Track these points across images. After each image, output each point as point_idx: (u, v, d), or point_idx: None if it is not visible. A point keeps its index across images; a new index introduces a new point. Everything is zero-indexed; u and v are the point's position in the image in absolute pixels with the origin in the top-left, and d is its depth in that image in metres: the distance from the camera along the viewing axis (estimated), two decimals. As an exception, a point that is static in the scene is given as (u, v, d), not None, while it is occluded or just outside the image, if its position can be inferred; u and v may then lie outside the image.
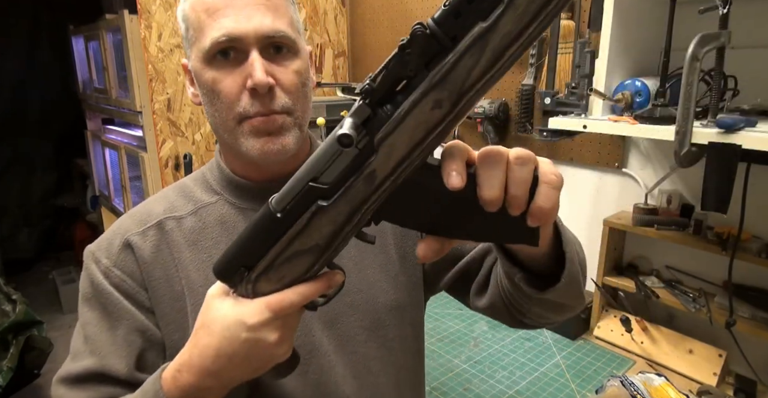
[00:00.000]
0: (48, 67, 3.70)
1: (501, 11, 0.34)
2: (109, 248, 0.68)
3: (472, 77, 0.37)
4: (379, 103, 0.40)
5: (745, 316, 1.19)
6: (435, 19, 0.36)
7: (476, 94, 0.38)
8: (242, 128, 0.62)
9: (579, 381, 1.25)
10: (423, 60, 0.37)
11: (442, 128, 0.39)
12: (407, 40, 0.37)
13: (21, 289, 2.57)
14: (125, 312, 0.65)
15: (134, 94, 1.92)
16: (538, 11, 0.34)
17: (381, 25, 2.16)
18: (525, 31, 0.35)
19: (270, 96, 0.61)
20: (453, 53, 0.36)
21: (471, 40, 0.36)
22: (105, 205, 2.77)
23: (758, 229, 1.21)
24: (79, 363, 0.64)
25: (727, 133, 0.97)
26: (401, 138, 0.40)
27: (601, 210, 1.54)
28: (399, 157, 0.40)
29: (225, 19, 0.59)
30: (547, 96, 1.39)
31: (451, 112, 0.38)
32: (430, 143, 0.40)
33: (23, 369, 2.24)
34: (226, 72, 0.61)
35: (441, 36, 0.36)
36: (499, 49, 0.36)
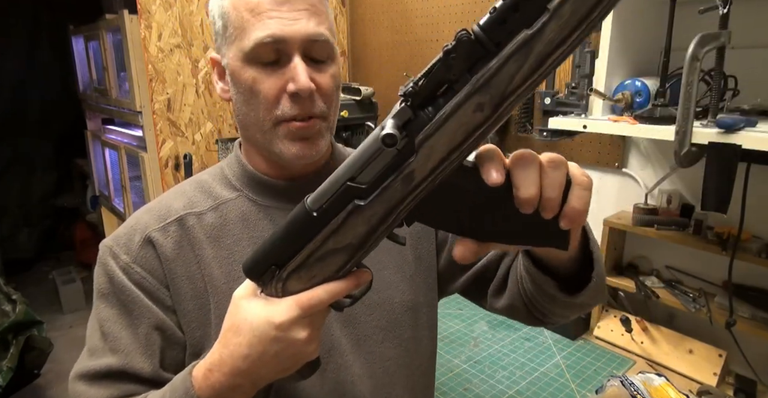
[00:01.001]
0: (48, 67, 3.70)
1: (546, 19, 0.36)
2: (129, 243, 0.66)
3: (514, 82, 0.38)
4: (420, 106, 0.41)
5: (745, 316, 1.19)
6: (481, 26, 0.38)
7: (517, 99, 0.39)
8: (278, 131, 0.63)
9: (579, 381, 1.25)
10: (467, 65, 0.39)
11: (482, 131, 0.40)
12: (452, 46, 0.38)
13: (21, 289, 2.57)
14: (146, 309, 0.64)
15: (134, 95, 1.92)
16: (580, 21, 0.36)
17: (381, 25, 2.16)
18: (568, 39, 0.36)
19: (310, 100, 0.62)
20: (497, 58, 0.37)
21: (516, 46, 0.37)
22: (105, 205, 2.78)
23: (758, 229, 1.21)
24: (100, 361, 0.63)
25: (727, 133, 0.97)
26: (442, 140, 0.40)
27: (601, 210, 1.54)
28: (438, 158, 0.41)
29: (270, 20, 0.59)
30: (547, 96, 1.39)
31: (492, 115, 0.39)
32: (470, 146, 0.41)
33: (23, 369, 2.24)
34: (266, 74, 0.61)
35: (486, 42, 0.38)
36: (543, 56, 0.37)
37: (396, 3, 2.07)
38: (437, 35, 1.94)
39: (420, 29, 2.00)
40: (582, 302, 0.59)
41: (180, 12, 1.80)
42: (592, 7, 0.35)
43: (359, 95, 2.01)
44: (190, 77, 1.86)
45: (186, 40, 1.83)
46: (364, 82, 2.25)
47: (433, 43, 1.96)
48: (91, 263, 3.63)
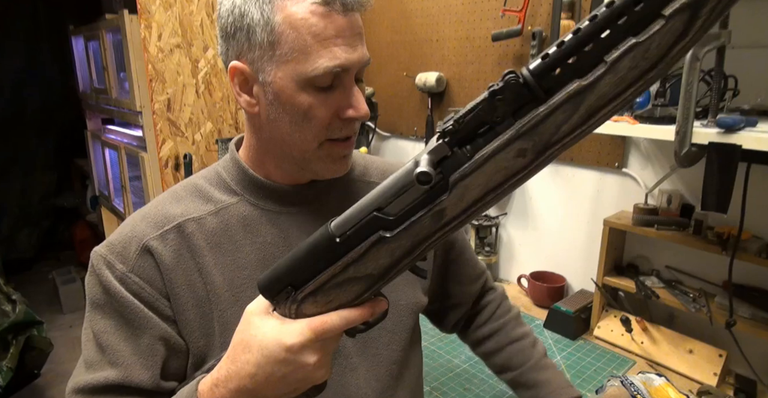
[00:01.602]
0: (48, 67, 3.70)
1: (602, 73, 0.35)
2: (124, 252, 0.64)
3: (561, 132, 0.37)
4: (458, 143, 0.40)
5: (745, 316, 1.19)
6: (531, 71, 0.37)
7: (561, 148, 0.38)
8: (322, 151, 0.63)
9: (579, 381, 1.25)
10: (512, 108, 0.38)
11: (521, 177, 0.40)
12: (499, 87, 0.38)
13: (21, 289, 2.57)
14: (147, 320, 0.62)
15: (134, 94, 1.92)
16: (638, 77, 0.35)
17: (381, 25, 2.16)
18: (622, 95, 0.35)
19: (358, 121, 0.63)
20: (546, 106, 0.37)
21: (566, 96, 0.36)
22: (105, 205, 2.77)
23: (758, 229, 1.21)
24: (98, 374, 0.61)
25: (727, 133, 0.97)
26: (478, 181, 0.40)
27: (601, 210, 1.54)
28: (472, 199, 0.41)
29: (337, 48, 0.58)
30: (547, 96, 1.39)
31: (533, 162, 0.39)
32: (506, 190, 0.40)
33: (23, 369, 2.23)
34: (322, 99, 0.60)
35: (535, 87, 0.37)
36: (594, 109, 0.36)
37: (396, 3, 2.06)
38: (437, 35, 1.94)
39: (420, 29, 2.00)
40: None
41: (180, 12, 1.80)
42: (653, 64, 0.34)
43: (359, 95, 2.01)
44: (190, 77, 1.86)
45: (186, 40, 1.83)
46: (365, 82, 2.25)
47: (433, 43, 1.96)
48: (91, 263, 3.62)
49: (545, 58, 0.37)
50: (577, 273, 1.64)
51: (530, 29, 1.58)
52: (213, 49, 1.90)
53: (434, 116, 1.99)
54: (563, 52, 0.36)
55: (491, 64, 1.77)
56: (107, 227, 2.82)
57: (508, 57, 1.72)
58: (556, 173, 1.67)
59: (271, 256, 0.67)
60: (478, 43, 1.80)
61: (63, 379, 2.53)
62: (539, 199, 1.74)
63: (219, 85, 1.94)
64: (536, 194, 1.75)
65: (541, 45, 1.57)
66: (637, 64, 0.34)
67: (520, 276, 1.73)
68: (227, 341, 0.63)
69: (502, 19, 1.68)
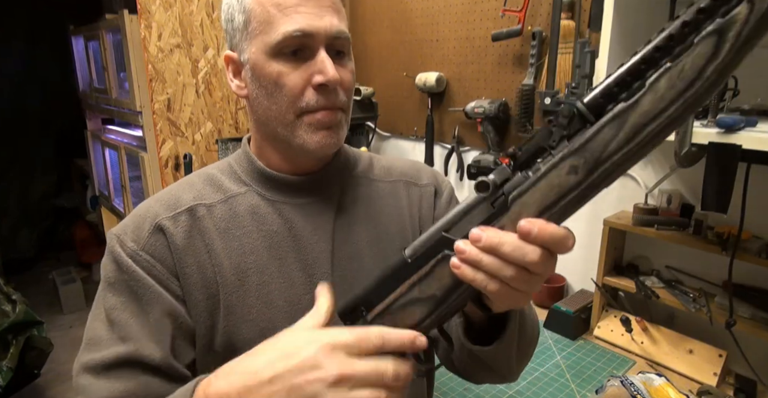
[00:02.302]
0: (48, 67, 3.70)
1: (642, 93, 0.39)
2: (137, 231, 0.65)
3: (609, 149, 0.40)
4: (519, 167, 0.44)
5: (745, 316, 1.19)
6: (584, 102, 0.42)
7: (612, 167, 0.41)
8: (301, 121, 0.64)
9: (579, 381, 1.25)
10: (566, 133, 0.42)
11: (574, 196, 0.42)
12: (555, 116, 0.43)
13: (21, 289, 2.57)
14: (156, 295, 0.63)
15: (134, 95, 1.92)
16: (677, 96, 0.38)
17: (381, 25, 2.16)
18: (664, 112, 0.39)
19: (335, 92, 0.64)
20: (594, 125, 0.41)
21: (612, 115, 0.40)
22: (105, 205, 2.77)
23: (758, 229, 1.21)
24: (107, 351, 0.60)
25: (727, 133, 0.97)
26: (533, 198, 0.43)
27: (601, 210, 1.54)
28: (528, 217, 0.43)
29: (298, 15, 0.61)
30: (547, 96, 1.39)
31: (585, 179, 0.41)
32: (560, 210, 0.43)
33: (23, 369, 2.23)
34: (291, 67, 0.62)
35: (587, 114, 0.41)
36: (638, 126, 0.39)
37: (396, 3, 2.06)
38: (437, 35, 1.94)
39: (420, 29, 2.00)
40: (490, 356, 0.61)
41: (180, 12, 1.80)
42: (690, 83, 0.38)
43: (359, 95, 2.01)
44: (190, 77, 1.86)
45: (186, 40, 1.83)
46: (364, 82, 2.25)
47: (433, 43, 1.96)
48: (91, 263, 3.63)
49: (596, 88, 0.41)
50: (577, 273, 1.64)
51: (530, 29, 1.58)
52: (213, 49, 1.90)
53: (434, 116, 1.99)
54: (611, 84, 0.41)
55: (491, 64, 1.77)
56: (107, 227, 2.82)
57: (508, 57, 1.72)
58: (556, 173, 1.67)
59: (277, 244, 0.68)
60: (478, 43, 1.80)
61: (63, 379, 2.53)
62: (539, 199, 1.74)
63: (219, 85, 1.94)
64: (536, 194, 1.75)
65: (541, 45, 1.57)
66: (674, 84, 0.38)
67: (520, 276, 1.73)
68: (230, 325, 0.65)
69: (502, 19, 1.68)
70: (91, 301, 0.67)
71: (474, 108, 1.75)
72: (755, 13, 0.36)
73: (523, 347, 0.65)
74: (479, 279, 0.44)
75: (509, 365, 0.66)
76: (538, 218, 0.43)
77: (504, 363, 0.65)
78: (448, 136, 1.97)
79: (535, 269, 0.43)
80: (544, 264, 0.43)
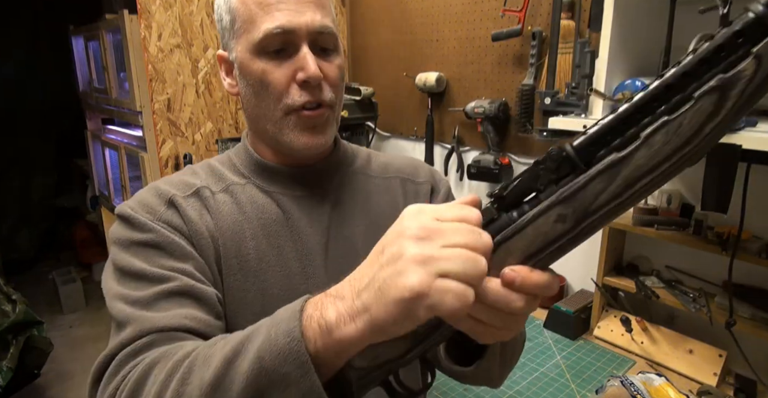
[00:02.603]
0: (48, 67, 3.70)
1: (636, 146, 0.37)
2: (150, 206, 0.64)
3: (599, 200, 0.38)
4: (505, 208, 0.42)
5: (745, 316, 1.19)
6: (574, 146, 0.40)
7: (600, 219, 0.39)
8: (288, 120, 0.65)
9: (579, 381, 1.25)
10: (554, 177, 0.40)
11: (559, 245, 0.40)
12: (543, 157, 0.41)
13: (21, 289, 2.57)
14: (187, 251, 0.62)
15: (134, 95, 1.92)
16: (672, 152, 0.36)
17: (381, 25, 2.16)
18: (658, 168, 0.37)
19: (319, 88, 0.64)
20: (585, 175, 0.39)
21: (603, 166, 0.38)
22: (105, 205, 2.77)
23: (758, 229, 1.21)
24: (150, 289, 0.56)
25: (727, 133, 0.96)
26: (519, 244, 0.40)
27: (601, 210, 1.54)
28: (512, 264, 0.40)
29: (279, 12, 0.62)
30: (547, 96, 1.39)
31: (573, 229, 0.39)
32: (544, 258, 0.40)
33: (23, 369, 2.24)
34: (275, 64, 0.63)
35: (576, 159, 0.40)
36: (631, 180, 0.37)
37: (396, 3, 2.06)
38: (437, 35, 1.94)
39: (420, 29, 2.00)
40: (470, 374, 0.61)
41: (180, 12, 1.80)
42: (686, 140, 0.36)
43: (359, 95, 2.01)
44: (190, 77, 1.86)
45: (186, 40, 1.83)
46: (364, 82, 2.25)
47: (433, 43, 1.96)
48: (91, 263, 3.63)
49: (585, 133, 0.39)
50: (577, 273, 1.64)
51: (530, 29, 1.58)
52: (213, 49, 1.90)
53: (434, 116, 1.99)
54: (603, 130, 0.39)
55: (491, 64, 1.77)
56: (107, 227, 2.82)
57: (508, 57, 1.72)
58: (556, 173, 1.67)
59: (275, 232, 0.70)
60: (478, 43, 1.80)
61: (63, 379, 2.53)
62: (539, 199, 1.74)
63: (219, 85, 1.94)
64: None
65: (541, 45, 1.57)
66: (670, 139, 0.36)
67: (520, 276, 1.73)
68: (229, 304, 0.65)
69: (502, 19, 1.68)
70: (90, 301, 0.67)
71: (474, 108, 1.75)
72: (762, 70, 0.34)
73: (506, 361, 0.66)
74: (463, 324, 0.42)
75: (490, 378, 0.66)
76: (522, 266, 0.40)
77: (485, 378, 0.65)
78: (448, 136, 1.96)
79: (519, 312, 0.41)
80: (529, 307, 0.41)
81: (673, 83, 0.37)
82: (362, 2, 2.22)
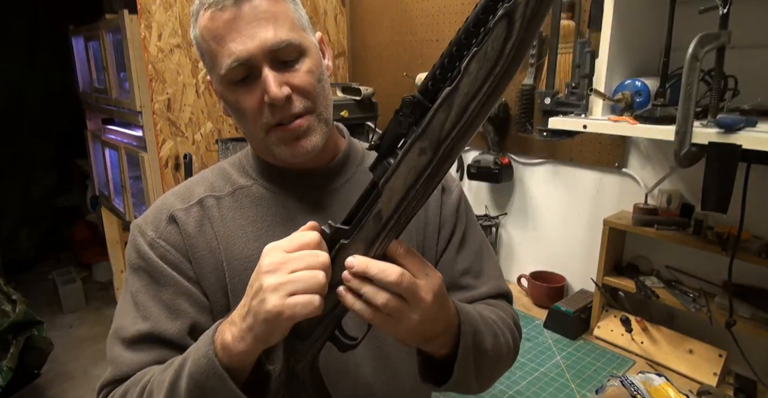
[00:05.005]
0: (48, 67, 3.70)
1: (459, 76, 0.45)
2: (155, 221, 0.72)
3: (445, 129, 0.46)
4: (384, 156, 0.51)
5: (745, 316, 1.19)
6: (419, 91, 0.48)
7: (453, 142, 0.47)
8: (270, 138, 0.68)
9: (579, 381, 1.25)
10: (412, 120, 0.49)
11: (430, 172, 0.48)
12: (399, 107, 0.49)
13: (21, 289, 2.57)
14: (170, 278, 0.70)
15: (134, 95, 1.92)
16: (487, 74, 0.44)
17: (381, 25, 2.16)
18: (481, 90, 0.44)
19: (288, 104, 0.65)
20: (430, 111, 0.47)
21: (441, 100, 0.46)
22: (105, 205, 2.77)
23: (758, 229, 1.21)
24: (133, 327, 0.69)
25: (727, 133, 0.97)
26: (398, 181, 0.49)
27: (601, 210, 1.54)
28: (398, 197, 0.50)
29: (232, 43, 0.63)
30: (547, 96, 1.39)
31: (434, 157, 0.48)
32: (422, 185, 0.49)
33: (23, 369, 2.24)
34: (245, 91, 0.65)
35: (422, 101, 0.48)
36: (463, 105, 0.45)
37: (396, 3, 2.06)
38: (437, 35, 1.94)
39: (420, 29, 2.00)
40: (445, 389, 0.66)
41: (180, 12, 1.80)
42: (494, 62, 0.43)
43: (359, 95, 2.01)
44: (190, 77, 1.86)
45: (186, 40, 1.83)
46: (364, 82, 2.25)
47: (433, 43, 1.96)
48: (91, 263, 3.63)
49: (426, 79, 0.48)
50: (577, 273, 1.64)
51: (530, 29, 1.58)
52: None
53: (434, 116, 1.99)
54: (433, 71, 0.47)
55: (491, 64, 1.77)
56: (107, 227, 2.83)
57: (508, 57, 1.72)
58: (555, 173, 1.67)
59: (280, 234, 0.71)
60: (478, 43, 1.80)
61: (63, 379, 2.53)
62: (539, 199, 1.74)
63: (219, 85, 1.93)
64: (536, 194, 1.75)
65: (542, 45, 1.57)
66: (483, 65, 0.43)
67: (520, 276, 1.73)
68: None
69: (502, 19, 1.68)
70: (90, 301, 0.71)
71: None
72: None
73: (483, 375, 0.68)
74: (357, 307, 0.52)
75: (468, 391, 0.70)
76: (361, 256, 0.52)
77: (462, 391, 0.70)
78: (448, 136, 1.96)
79: (399, 291, 0.51)
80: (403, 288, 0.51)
81: (477, 20, 0.44)
82: (362, 2, 2.22)
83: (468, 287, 0.81)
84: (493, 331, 0.69)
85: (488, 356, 0.66)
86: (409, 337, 0.57)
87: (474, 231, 0.85)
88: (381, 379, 0.76)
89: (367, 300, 0.51)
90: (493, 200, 1.89)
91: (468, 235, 0.84)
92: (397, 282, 0.51)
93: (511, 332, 0.76)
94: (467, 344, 0.61)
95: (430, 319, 0.55)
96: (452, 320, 0.61)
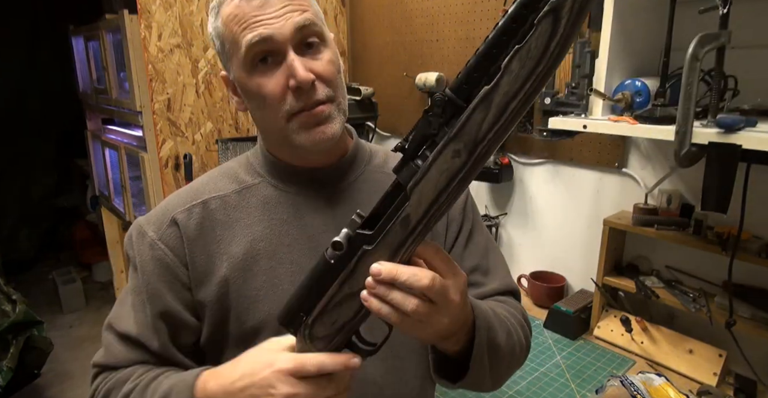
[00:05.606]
0: (48, 67, 3.70)
1: (499, 75, 0.42)
2: (158, 222, 0.73)
3: (483, 129, 0.44)
4: (411, 158, 0.48)
5: (745, 316, 1.19)
6: (452, 88, 0.45)
7: (489, 144, 0.44)
8: (292, 125, 0.67)
9: (579, 381, 1.25)
10: (443, 120, 0.46)
11: (463, 175, 0.46)
12: (429, 106, 0.46)
13: (21, 289, 2.57)
14: (156, 293, 0.71)
15: (134, 95, 1.92)
16: (529, 73, 0.42)
17: (381, 25, 2.16)
18: (522, 89, 0.42)
19: (312, 90, 0.65)
20: (466, 110, 0.44)
21: (478, 99, 0.43)
22: (105, 205, 2.77)
23: (758, 229, 1.21)
24: (125, 325, 0.72)
25: (727, 133, 0.97)
26: (428, 185, 0.46)
27: (601, 210, 1.54)
28: (428, 201, 0.47)
29: (256, 24, 0.63)
30: (547, 96, 1.39)
31: (469, 160, 0.45)
32: (454, 189, 0.46)
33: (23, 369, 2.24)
34: (268, 77, 0.65)
35: (455, 99, 0.45)
36: (503, 105, 0.43)
37: (396, 3, 2.06)
38: (437, 35, 1.94)
39: (420, 29, 2.00)
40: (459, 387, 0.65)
41: (180, 12, 1.80)
42: (537, 60, 0.41)
43: (359, 95, 2.01)
44: (190, 77, 1.86)
45: (186, 40, 1.83)
46: (364, 82, 2.25)
47: (433, 43, 1.96)
48: (91, 263, 3.63)
49: (459, 75, 0.45)
50: (577, 273, 1.64)
51: (530, 29, 1.58)
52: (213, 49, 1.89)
53: (434, 116, 1.99)
54: (471, 67, 0.44)
55: (491, 64, 1.77)
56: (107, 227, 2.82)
57: (508, 57, 1.72)
58: (556, 173, 1.67)
59: (286, 232, 0.72)
60: (478, 43, 1.79)
61: (63, 379, 2.53)
62: (539, 199, 1.74)
63: (219, 85, 1.94)
64: (536, 194, 1.75)
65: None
66: (525, 63, 0.41)
67: (520, 276, 1.73)
68: (240, 307, 0.71)
69: (502, 19, 1.68)
70: (90, 301, 0.72)
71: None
72: None
73: (500, 371, 0.68)
74: (384, 312, 0.50)
75: (481, 388, 0.70)
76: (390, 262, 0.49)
77: (475, 388, 0.69)
78: (448, 136, 1.97)
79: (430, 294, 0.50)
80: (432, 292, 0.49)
81: (516, 15, 0.42)
82: (362, 2, 2.22)
83: (477, 284, 0.81)
84: (506, 327, 0.69)
85: (502, 351, 0.65)
86: (432, 337, 0.56)
87: (480, 229, 0.85)
88: (390, 380, 0.76)
89: (396, 306, 0.49)
90: (493, 200, 1.89)
91: (475, 232, 0.84)
92: (429, 287, 0.49)
93: (522, 328, 0.76)
94: (482, 340, 0.61)
95: (455, 319, 0.54)
96: (469, 316, 0.60)
